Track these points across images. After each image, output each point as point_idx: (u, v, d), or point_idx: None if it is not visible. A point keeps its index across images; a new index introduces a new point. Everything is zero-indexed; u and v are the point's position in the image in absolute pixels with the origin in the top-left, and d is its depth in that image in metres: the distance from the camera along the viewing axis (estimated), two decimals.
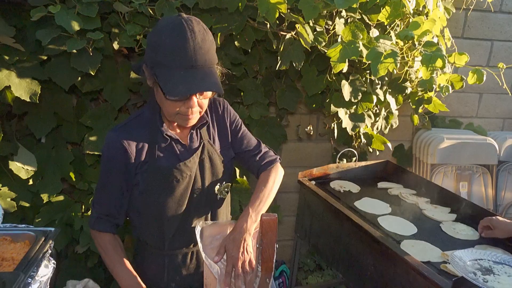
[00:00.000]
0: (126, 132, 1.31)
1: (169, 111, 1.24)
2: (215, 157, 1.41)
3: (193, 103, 1.22)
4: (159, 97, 1.25)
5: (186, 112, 1.24)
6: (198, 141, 1.39)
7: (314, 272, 2.94)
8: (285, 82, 2.40)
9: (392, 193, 2.22)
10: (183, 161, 1.34)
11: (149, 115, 1.34)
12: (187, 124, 1.29)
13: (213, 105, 1.45)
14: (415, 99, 2.51)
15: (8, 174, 1.97)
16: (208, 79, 1.17)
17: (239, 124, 1.50)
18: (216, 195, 1.45)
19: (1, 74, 1.70)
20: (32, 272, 1.07)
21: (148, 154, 1.32)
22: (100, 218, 1.37)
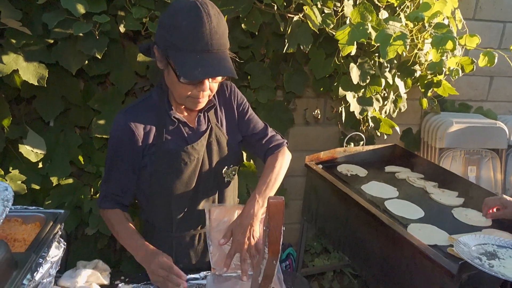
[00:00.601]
0: (134, 115, 1.31)
1: (180, 94, 1.24)
2: (223, 140, 1.41)
3: (205, 86, 1.21)
4: (170, 79, 1.24)
5: (197, 96, 1.23)
6: (206, 124, 1.39)
7: (320, 255, 2.96)
8: (293, 65, 2.37)
9: (400, 177, 2.22)
10: (191, 144, 1.34)
11: (157, 98, 1.34)
12: (196, 107, 1.29)
13: (220, 88, 1.44)
14: (424, 82, 2.48)
15: (18, 157, 1.99)
16: (223, 63, 1.16)
17: (246, 107, 1.50)
18: (224, 178, 1.46)
19: (9, 58, 1.71)
20: (43, 253, 1.09)
21: (156, 136, 1.32)
22: (106, 197, 1.40)
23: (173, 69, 1.18)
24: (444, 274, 1.40)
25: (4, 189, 0.90)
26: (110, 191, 1.39)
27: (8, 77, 1.76)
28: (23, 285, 0.96)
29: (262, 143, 1.51)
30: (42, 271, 1.09)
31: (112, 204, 1.40)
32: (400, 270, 1.61)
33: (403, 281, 1.60)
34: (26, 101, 2.08)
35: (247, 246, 1.29)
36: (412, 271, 1.55)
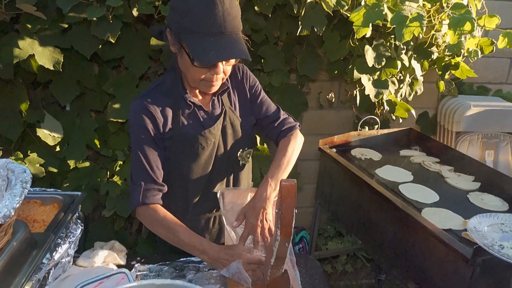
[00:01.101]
0: (150, 99, 1.30)
1: (194, 77, 1.24)
2: (237, 123, 1.42)
3: (219, 69, 1.21)
4: (184, 63, 1.23)
5: (211, 79, 1.23)
6: (220, 108, 1.39)
7: (334, 238, 2.98)
8: (306, 48, 2.35)
9: (415, 161, 2.20)
10: (207, 127, 1.34)
11: (171, 82, 1.34)
12: (210, 90, 1.29)
13: (233, 71, 1.43)
14: (441, 64, 2.42)
15: (36, 141, 2.03)
16: (237, 46, 1.15)
17: (259, 90, 1.49)
18: (239, 161, 1.46)
19: (25, 42, 1.73)
20: (61, 233, 1.12)
21: (173, 121, 1.32)
22: (147, 190, 1.30)
23: (187, 53, 1.17)
24: (458, 258, 1.39)
25: (23, 171, 0.92)
26: (149, 182, 1.31)
27: (25, 62, 1.78)
28: (43, 264, 0.99)
29: (275, 126, 1.50)
30: (60, 251, 1.12)
31: (153, 199, 1.31)
32: (413, 254, 1.61)
33: (416, 265, 1.60)
34: (42, 86, 2.11)
35: (260, 229, 1.30)
36: (425, 255, 1.55)
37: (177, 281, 0.88)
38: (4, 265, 0.85)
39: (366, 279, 2.83)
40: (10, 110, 1.93)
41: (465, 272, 1.37)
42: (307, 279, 1.35)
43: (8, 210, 0.79)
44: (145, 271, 1.35)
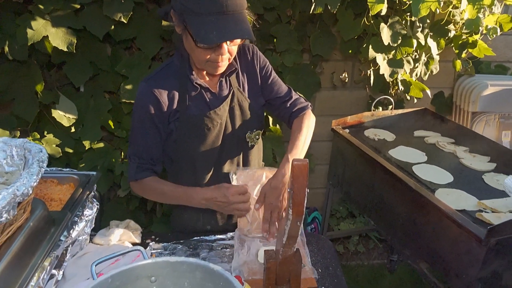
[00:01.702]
0: (157, 82, 1.31)
1: (199, 58, 1.23)
2: (245, 104, 1.41)
3: (223, 50, 1.19)
4: (188, 44, 1.22)
5: (216, 60, 1.21)
6: (228, 89, 1.38)
7: (346, 219, 2.99)
8: (320, 27, 2.31)
9: (429, 141, 2.17)
10: (213, 109, 1.34)
11: (178, 64, 1.33)
12: (216, 71, 1.28)
13: (242, 51, 1.42)
14: (458, 42, 2.36)
15: (52, 121, 2.06)
16: (240, 25, 1.13)
17: (269, 70, 1.47)
18: (247, 142, 1.46)
19: (38, 24, 1.74)
20: (78, 212, 1.15)
21: (179, 103, 1.33)
22: (140, 167, 1.37)
23: (190, 34, 1.16)
24: (471, 239, 1.38)
25: (39, 150, 0.94)
26: (142, 162, 1.37)
27: (39, 44, 1.80)
28: (60, 241, 1.02)
29: (286, 106, 1.49)
30: (77, 229, 1.15)
31: (147, 174, 1.38)
32: (426, 234, 1.61)
33: (429, 245, 1.60)
34: (57, 67, 2.13)
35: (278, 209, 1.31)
36: (438, 235, 1.55)
37: (190, 259, 0.89)
38: (24, 241, 0.88)
39: (378, 259, 2.85)
40: (26, 91, 1.96)
41: (478, 252, 1.37)
42: (319, 258, 1.36)
43: (26, 188, 0.81)
44: (160, 249, 1.38)
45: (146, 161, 1.38)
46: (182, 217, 1.50)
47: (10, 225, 0.86)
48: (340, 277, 1.27)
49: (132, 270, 0.88)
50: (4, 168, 0.99)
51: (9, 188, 0.77)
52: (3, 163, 0.99)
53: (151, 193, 1.42)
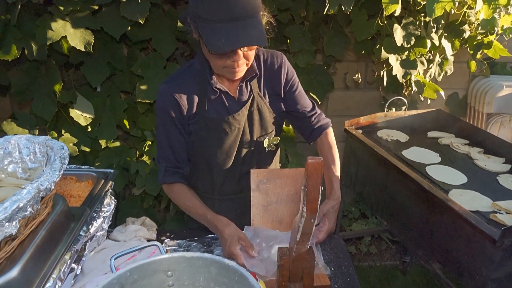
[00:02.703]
0: (177, 84, 1.32)
1: (215, 65, 1.23)
2: (265, 109, 1.41)
3: (238, 56, 1.18)
4: (205, 51, 1.22)
5: (232, 66, 1.21)
6: (248, 94, 1.38)
7: (358, 220, 2.98)
8: (333, 27, 2.31)
9: (443, 142, 2.16)
10: (232, 113, 1.35)
11: (199, 67, 1.34)
12: (234, 77, 1.27)
13: (270, 58, 1.41)
14: (473, 43, 2.35)
15: (69, 121, 2.11)
16: (251, 32, 1.11)
17: (296, 83, 1.46)
18: (265, 148, 1.47)
19: (57, 24, 1.78)
20: (96, 208, 1.18)
21: (198, 106, 1.34)
22: (167, 171, 1.39)
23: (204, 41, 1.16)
24: (485, 240, 1.38)
25: (61, 147, 0.97)
26: (169, 165, 1.39)
27: (57, 44, 1.84)
28: (80, 236, 1.05)
29: (309, 121, 1.50)
30: (96, 225, 1.18)
31: (175, 178, 1.40)
32: (439, 235, 1.61)
33: (442, 245, 1.60)
34: (74, 68, 2.17)
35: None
36: (452, 236, 1.54)
37: (206, 254, 0.91)
38: (47, 235, 0.91)
39: (391, 260, 2.83)
40: (44, 91, 2.01)
41: (492, 253, 1.36)
42: (332, 257, 1.36)
43: (49, 183, 0.84)
44: (174, 246, 1.40)
45: (173, 164, 1.40)
46: None
47: (34, 219, 0.89)
48: (352, 276, 1.27)
49: (149, 264, 0.90)
50: (28, 164, 1.02)
51: (34, 183, 0.80)
52: (26, 159, 1.02)
53: (178, 202, 1.45)
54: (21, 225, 0.82)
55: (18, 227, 0.77)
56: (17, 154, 1.03)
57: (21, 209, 0.77)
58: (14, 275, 0.80)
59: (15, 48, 1.80)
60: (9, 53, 1.80)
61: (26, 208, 0.78)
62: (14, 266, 0.81)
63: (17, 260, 0.82)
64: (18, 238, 0.84)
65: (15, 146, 1.03)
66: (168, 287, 0.92)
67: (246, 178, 1.41)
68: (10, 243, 0.82)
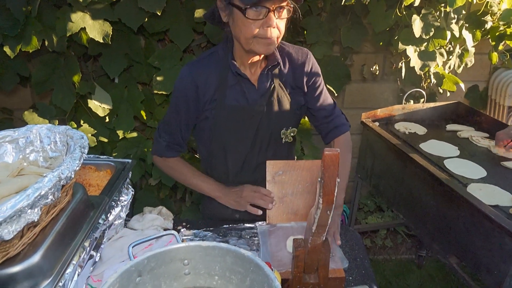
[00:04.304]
0: (199, 68, 1.34)
1: (247, 34, 1.20)
2: (285, 100, 1.40)
3: (271, 21, 1.17)
4: (236, 24, 1.21)
5: (265, 34, 1.19)
6: (269, 83, 1.38)
7: (374, 213, 2.97)
8: (351, 18, 2.29)
9: (462, 135, 2.12)
10: (251, 101, 1.36)
11: (223, 54, 1.35)
12: (268, 49, 1.24)
13: (294, 51, 1.42)
14: (495, 34, 2.29)
15: (88, 112, 2.14)
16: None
17: (320, 81, 1.46)
18: (282, 138, 1.46)
19: (77, 16, 1.80)
20: (115, 197, 1.20)
21: (217, 92, 1.35)
22: (169, 146, 1.46)
23: (238, 7, 1.16)
24: (504, 235, 1.36)
25: (81, 137, 0.99)
26: (172, 141, 1.45)
27: (77, 35, 1.87)
28: (99, 224, 1.07)
29: (327, 122, 1.50)
30: (114, 213, 1.20)
31: (173, 153, 1.48)
32: (457, 229, 1.59)
33: (459, 240, 1.58)
34: (93, 59, 2.20)
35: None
36: (469, 230, 1.52)
37: (222, 244, 0.92)
38: (67, 222, 0.93)
39: (406, 254, 2.82)
40: (64, 82, 2.04)
41: (511, 248, 1.34)
42: (347, 249, 1.36)
43: (70, 171, 0.85)
44: (190, 235, 1.41)
45: (177, 141, 1.46)
46: (212, 205, 1.53)
47: (54, 206, 0.91)
48: (367, 269, 1.27)
49: (166, 252, 0.92)
50: (48, 153, 1.04)
51: (55, 171, 0.82)
52: (47, 148, 1.04)
53: (173, 173, 1.52)
54: (43, 212, 0.85)
55: (40, 214, 0.79)
56: (39, 143, 1.05)
57: (43, 197, 0.79)
58: (36, 260, 0.82)
59: (36, 39, 1.84)
60: (30, 45, 1.84)
61: (47, 196, 0.80)
62: (36, 252, 0.83)
63: (39, 246, 0.84)
64: (40, 225, 0.86)
65: (36, 135, 1.05)
66: (185, 275, 0.93)
67: (261, 168, 1.41)
68: (32, 229, 0.84)
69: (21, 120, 2.07)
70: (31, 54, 1.99)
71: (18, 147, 1.03)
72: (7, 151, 1.02)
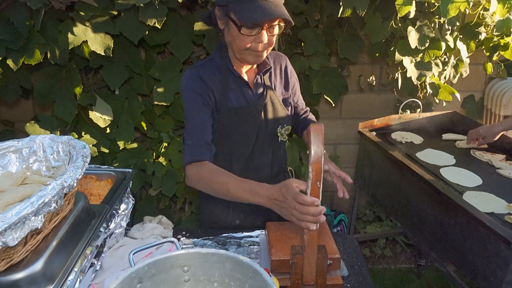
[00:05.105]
0: (202, 71, 1.38)
1: (240, 46, 1.28)
2: (276, 101, 1.48)
3: (263, 37, 1.25)
4: (231, 34, 1.28)
5: (256, 48, 1.28)
6: (263, 86, 1.47)
7: (372, 222, 2.97)
8: (347, 30, 2.33)
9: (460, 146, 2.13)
10: (252, 103, 1.42)
11: (219, 60, 1.41)
12: (257, 60, 1.34)
13: (277, 56, 1.53)
14: (489, 45, 2.33)
15: (89, 123, 2.17)
16: (280, 9, 1.22)
17: (297, 83, 1.59)
18: (278, 137, 1.53)
19: (79, 29, 1.84)
20: (115, 206, 1.22)
21: (220, 95, 1.39)
22: (201, 147, 1.33)
23: (233, 21, 1.24)
24: (500, 242, 1.37)
25: (83, 147, 1.01)
26: (200, 141, 1.33)
27: (78, 48, 1.90)
28: (100, 232, 1.09)
29: (302, 118, 1.64)
30: (115, 222, 1.22)
31: (207, 155, 1.33)
32: (453, 236, 1.60)
33: (456, 247, 1.60)
34: (94, 71, 2.24)
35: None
36: (466, 238, 1.54)
37: (221, 251, 0.94)
38: (69, 230, 0.95)
39: (405, 263, 2.82)
40: (65, 94, 2.08)
41: (507, 255, 1.36)
42: (345, 257, 1.38)
43: (72, 180, 0.88)
44: (190, 244, 1.43)
45: (204, 140, 1.34)
46: (213, 211, 1.55)
47: (57, 214, 0.93)
48: (366, 276, 1.28)
49: (166, 259, 0.93)
50: (51, 163, 1.07)
51: (58, 180, 0.85)
52: (50, 158, 1.07)
53: (209, 182, 1.29)
54: (46, 219, 0.87)
55: (43, 221, 0.81)
56: (42, 153, 1.08)
57: (46, 204, 0.81)
58: (39, 267, 0.84)
59: (39, 52, 1.87)
60: (32, 58, 1.87)
61: (50, 203, 0.83)
62: (39, 259, 0.85)
63: (42, 253, 0.86)
64: (43, 232, 0.88)
65: (39, 145, 1.07)
66: (184, 282, 0.95)
67: (262, 168, 1.51)
68: (36, 236, 0.86)
69: (23, 131, 2.10)
70: (33, 66, 2.03)
71: (21, 157, 1.06)
72: (11, 161, 1.05)
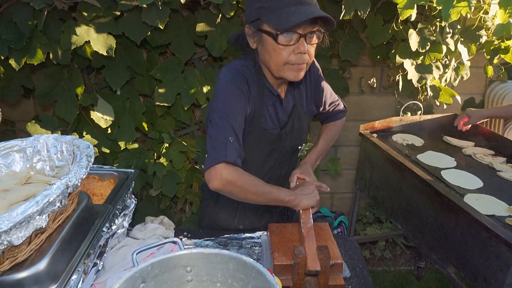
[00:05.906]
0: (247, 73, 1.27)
1: (277, 62, 1.19)
2: (302, 117, 1.42)
3: (303, 47, 1.16)
4: (266, 49, 1.19)
5: (296, 61, 1.18)
6: (292, 103, 1.40)
7: (372, 224, 2.98)
8: (349, 32, 2.34)
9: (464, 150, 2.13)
10: (282, 124, 1.37)
11: (255, 73, 1.30)
12: (297, 76, 1.22)
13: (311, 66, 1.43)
14: (490, 48, 2.34)
15: (90, 123, 2.17)
16: (318, 11, 1.14)
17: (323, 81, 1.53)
18: (297, 153, 1.50)
19: (81, 29, 1.85)
20: (118, 206, 1.22)
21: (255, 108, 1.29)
22: (234, 149, 1.18)
23: (268, 33, 1.15)
24: (501, 244, 1.38)
25: (87, 146, 1.01)
26: (237, 146, 1.20)
27: (81, 48, 1.91)
28: (103, 232, 1.09)
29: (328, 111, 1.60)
30: (117, 222, 1.22)
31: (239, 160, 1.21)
32: (454, 239, 1.61)
33: (456, 249, 1.60)
34: (96, 71, 2.24)
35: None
36: (467, 240, 1.54)
37: (224, 251, 0.94)
38: (73, 229, 0.95)
39: (405, 265, 2.82)
40: (67, 94, 2.08)
41: (508, 257, 1.36)
42: (346, 259, 1.38)
43: (77, 179, 0.88)
44: (191, 245, 1.43)
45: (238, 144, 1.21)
46: (218, 216, 1.55)
47: (61, 214, 0.93)
48: (366, 278, 1.29)
49: (170, 259, 0.93)
50: (55, 162, 1.07)
51: (62, 179, 0.85)
52: (54, 158, 1.07)
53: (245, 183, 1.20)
54: (50, 219, 0.87)
55: (47, 220, 0.81)
56: (45, 153, 1.08)
57: (51, 203, 0.81)
58: (43, 266, 0.84)
59: (41, 52, 1.87)
60: (35, 57, 1.87)
61: (55, 203, 0.83)
62: (43, 258, 0.85)
63: (46, 252, 0.86)
64: (47, 232, 0.89)
65: (43, 145, 1.08)
66: (187, 282, 0.95)
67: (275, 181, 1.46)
68: (40, 235, 0.86)
69: (24, 131, 2.10)
70: (35, 66, 2.03)
71: (25, 156, 1.06)
72: (15, 160, 1.05)
